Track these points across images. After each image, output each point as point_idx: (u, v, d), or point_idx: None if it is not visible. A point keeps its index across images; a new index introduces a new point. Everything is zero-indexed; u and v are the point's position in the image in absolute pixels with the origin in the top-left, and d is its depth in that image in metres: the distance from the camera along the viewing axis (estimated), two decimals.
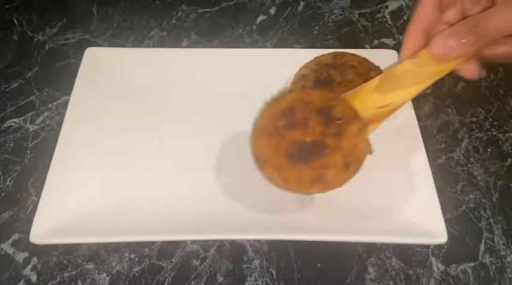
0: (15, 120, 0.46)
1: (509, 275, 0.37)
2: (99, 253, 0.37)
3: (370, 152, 0.34)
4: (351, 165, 0.33)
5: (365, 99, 0.36)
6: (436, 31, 0.34)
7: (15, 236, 0.38)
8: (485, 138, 0.45)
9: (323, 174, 0.33)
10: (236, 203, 0.37)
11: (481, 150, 0.44)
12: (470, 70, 0.35)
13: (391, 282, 0.36)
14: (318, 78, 0.42)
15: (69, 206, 0.37)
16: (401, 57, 0.37)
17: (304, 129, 0.34)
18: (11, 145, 0.44)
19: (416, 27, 0.35)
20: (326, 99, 0.35)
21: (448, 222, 0.37)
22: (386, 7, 0.58)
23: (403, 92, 0.36)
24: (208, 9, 0.58)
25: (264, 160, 0.34)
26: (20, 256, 0.37)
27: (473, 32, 0.31)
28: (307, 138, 0.33)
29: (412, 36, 0.36)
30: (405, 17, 0.56)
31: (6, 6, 0.57)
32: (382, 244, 0.38)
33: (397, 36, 0.54)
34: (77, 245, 0.37)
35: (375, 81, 0.37)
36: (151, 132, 0.43)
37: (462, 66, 0.35)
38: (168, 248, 0.38)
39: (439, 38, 0.33)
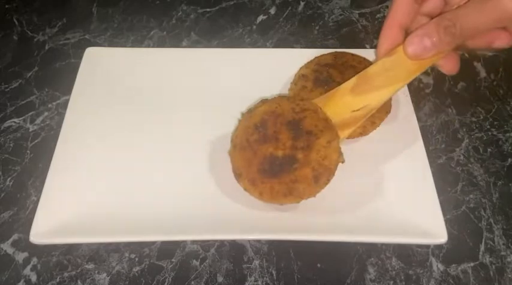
0: (15, 120, 0.46)
1: (509, 275, 0.37)
2: (99, 253, 0.37)
3: (341, 161, 0.36)
4: (321, 177, 0.35)
5: (340, 103, 0.36)
6: (416, 25, 0.32)
7: (15, 236, 0.38)
8: (485, 138, 0.45)
9: (294, 188, 0.35)
10: (236, 203, 0.37)
11: (481, 150, 0.44)
12: (449, 66, 0.33)
13: (391, 282, 0.36)
14: (318, 78, 0.42)
15: (69, 206, 0.37)
16: (377, 56, 0.35)
17: (275, 143, 0.35)
18: (11, 145, 0.44)
19: (393, 22, 0.33)
20: (297, 110, 0.37)
21: (448, 222, 0.37)
22: (387, 7, 0.58)
23: (378, 93, 0.35)
24: (208, 9, 0.58)
25: (239, 174, 0.36)
26: (20, 256, 0.37)
27: (450, 31, 0.29)
28: (278, 152, 0.35)
29: (388, 33, 0.33)
30: None
31: (6, 6, 0.57)
32: (382, 244, 0.38)
33: None
34: (77, 245, 0.37)
35: (351, 82, 0.36)
36: (151, 132, 0.43)
37: (440, 62, 0.33)
38: (168, 248, 0.38)
39: (414, 37, 0.31)
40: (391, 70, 0.34)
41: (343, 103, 0.36)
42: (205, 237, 0.37)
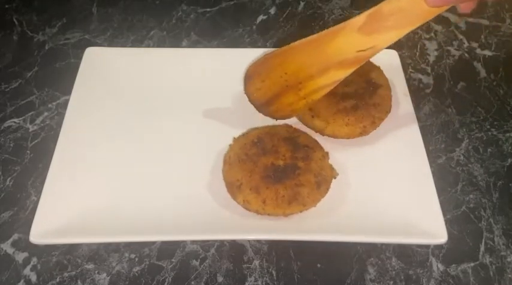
0: (15, 120, 0.46)
1: (509, 275, 0.37)
2: (99, 253, 0.37)
3: (335, 175, 0.38)
4: (322, 184, 0.36)
5: (347, 40, 0.34)
6: None
7: (15, 236, 0.38)
8: (485, 138, 0.45)
9: (298, 192, 0.35)
10: (236, 203, 0.37)
11: (481, 150, 0.44)
12: (466, 6, 0.31)
13: (391, 282, 0.36)
14: None
15: (69, 206, 0.37)
16: None
17: (275, 154, 0.37)
18: (11, 145, 0.44)
19: None
20: (290, 131, 0.39)
21: (448, 222, 0.37)
22: None
23: (388, 35, 0.33)
24: (208, 9, 0.58)
25: (239, 185, 0.36)
26: (20, 256, 0.37)
27: None
28: (280, 162, 0.37)
29: None
30: None
31: (6, 6, 0.57)
32: (382, 244, 0.38)
33: None
34: (77, 245, 0.37)
35: (360, 19, 0.34)
36: (151, 132, 0.43)
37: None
38: (168, 248, 0.38)
39: None
40: (406, 10, 0.32)
41: (350, 41, 0.34)
42: (205, 238, 0.37)
